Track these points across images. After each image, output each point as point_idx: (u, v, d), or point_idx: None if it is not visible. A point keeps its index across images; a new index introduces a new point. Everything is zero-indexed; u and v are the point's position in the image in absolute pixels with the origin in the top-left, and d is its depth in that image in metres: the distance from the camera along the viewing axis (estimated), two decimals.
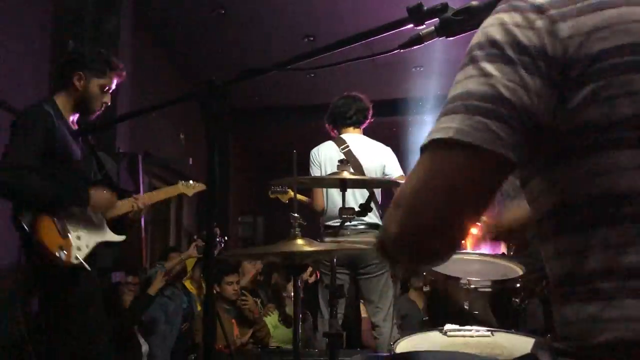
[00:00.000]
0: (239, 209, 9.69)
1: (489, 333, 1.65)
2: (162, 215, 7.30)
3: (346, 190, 1.94)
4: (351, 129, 3.60)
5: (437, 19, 1.06)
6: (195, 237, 4.81)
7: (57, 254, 2.45)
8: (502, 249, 8.09)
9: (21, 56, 4.09)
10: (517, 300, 1.96)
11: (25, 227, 2.42)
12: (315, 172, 3.49)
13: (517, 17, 0.79)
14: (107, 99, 2.73)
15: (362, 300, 3.87)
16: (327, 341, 1.93)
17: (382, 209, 3.54)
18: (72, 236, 2.54)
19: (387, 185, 3.22)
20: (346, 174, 1.82)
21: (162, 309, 4.20)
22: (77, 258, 2.52)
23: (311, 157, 3.58)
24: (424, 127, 8.75)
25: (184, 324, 4.25)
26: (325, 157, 3.52)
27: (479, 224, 3.75)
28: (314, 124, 8.96)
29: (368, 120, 3.64)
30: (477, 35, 0.83)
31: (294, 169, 1.66)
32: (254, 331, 4.22)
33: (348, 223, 3.35)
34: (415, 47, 1.09)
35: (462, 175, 0.77)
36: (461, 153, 0.76)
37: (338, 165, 1.92)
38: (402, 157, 3.72)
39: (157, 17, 6.15)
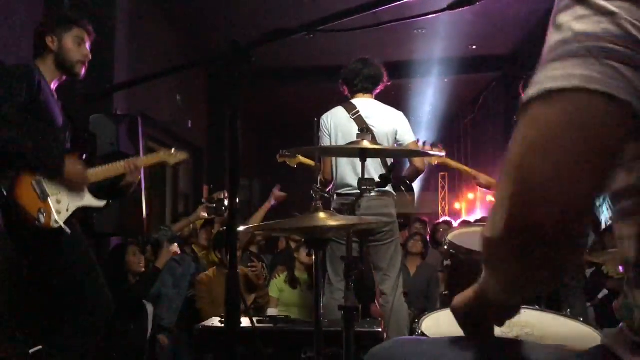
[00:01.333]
0: None
1: None
2: (158, 179, 7.21)
3: (366, 160, 1.85)
4: (361, 94, 3.50)
5: None
6: (203, 200, 4.74)
7: (35, 217, 2.43)
8: None
9: (18, 17, 3.92)
10: None
11: (3, 190, 2.39)
12: (325, 140, 3.41)
13: None
14: (86, 52, 2.73)
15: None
16: (342, 314, 1.86)
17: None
18: (51, 200, 2.53)
19: (408, 156, 3.13)
20: (366, 143, 1.73)
21: (170, 273, 4.15)
22: (56, 222, 2.51)
23: (321, 124, 3.46)
24: (426, 90, 8.65)
25: (190, 289, 4.21)
26: (335, 123, 3.42)
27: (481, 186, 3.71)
28: (312, 87, 8.88)
29: (380, 86, 3.54)
30: None
31: (315, 136, 1.56)
32: (256, 297, 4.19)
33: (356, 190, 3.33)
34: (462, 9, 0.99)
35: (593, 130, 0.62)
36: (593, 103, 0.62)
37: (358, 134, 1.83)
38: None
39: None
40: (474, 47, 7.75)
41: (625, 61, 0.62)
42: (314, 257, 1.52)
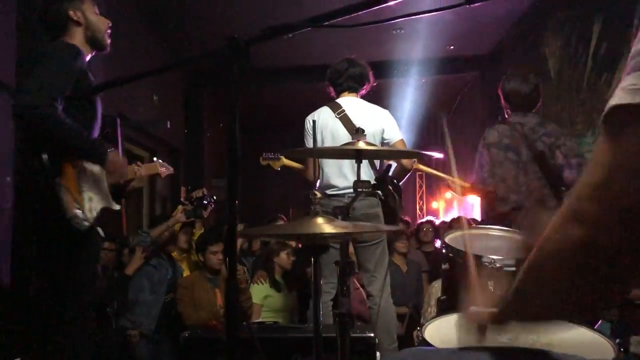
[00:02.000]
0: (212, 171, 9.47)
1: None
2: None
3: (362, 162, 1.80)
4: (346, 93, 3.48)
5: None
6: (182, 199, 4.62)
7: (74, 211, 2.23)
8: (477, 212, 8.10)
9: None
10: None
11: (46, 167, 2.17)
12: (310, 140, 3.37)
13: None
14: (107, 21, 2.58)
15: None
16: (337, 320, 1.81)
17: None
18: (85, 196, 2.33)
19: (404, 157, 3.10)
20: (362, 144, 1.68)
21: (147, 277, 4.05)
22: (88, 220, 2.30)
23: (306, 124, 3.44)
24: (405, 90, 8.66)
25: (168, 294, 4.11)
26: (321, 123, 3.37)
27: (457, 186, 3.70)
28: (291, 87, 8.82)
29: (366, 86, 3.52)
30: None
31: (313, 137, 1.51)
32: (239, 301, 4.10)
33: (342, 191, 3.30)
34: (481, 3, 0.94)
35: None
36: None
37: (353, 135, 1.78)
38: None
39: None
40: (452, 47, 7.78)
41: None
42: (312, 264, 1.46)
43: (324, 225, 1.36)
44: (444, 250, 1.86)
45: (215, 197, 4.63)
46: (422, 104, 9.36)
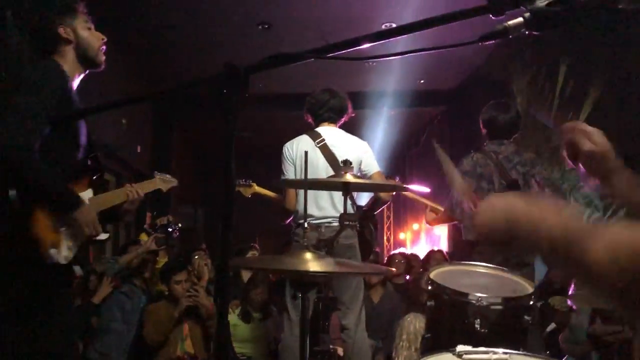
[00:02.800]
0: (178, 199, 9.31)
1: (506, 356, 1.53)
2: None
3: (349, 194, 1.77)
4: (326, 123, 3.48)
5: (523, 8, 0.92)
6: (145, 226, 4.48)
7: (49, 250, 2.06)
8: (445, 243, 8.13)
9: None
10: (529, 319, 1.85)
11: (13, 204, 2.01)
12: (288, 168, 3.34)
13: None
14: (102, 36, 2.42)
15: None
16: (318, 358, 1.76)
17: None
18: (63, 232, 2.15)
19: (391, 190, 3.09)
20: (349, 177, 1.65)
21: (119, 307, 3.90)
22: (66, 258, 2.14)
23: (284, 152, 3.41)
24: (376, 121, 8.74)
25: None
26: (300, 152, 3.35)
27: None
28: (262, 114, 8.80)
29: (345, 117, 3.54)
30: None
31: (304, 169, 1.47)
32: (208, 327, 3.95)
33: (318, 221, 3.26)
34: (496, 40, 0.94)
35: None
36: None
37: (341, 167, 1.75)
38: None
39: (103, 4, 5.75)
40: (422, 81, 7.92)
41: None
42: (300, 300, 1.41)
43: (314, 263, 1.32)
44: (429, 287, 1.83)
45: (180, 225, 4.52)
46: (391, 136, 9.46)
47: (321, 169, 3.28)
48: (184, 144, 9.38)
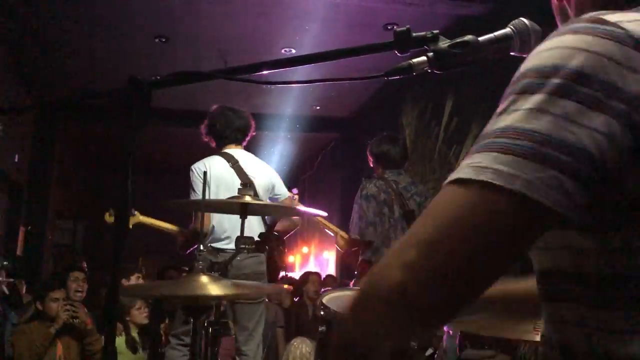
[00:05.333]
0: (57, 212, 8.72)
1: None
2: None
3: (246, 217, 1.75)
4: (232, 145, 3.38)
5: (426, 48, 0.97)
6: None
7: None
8: (332, 267, 8.24)
9: None
10: (414, 344, 1.89)
11: None
12: (200, 189, 3.18)
13: (613, 49, 0.63)
14: None
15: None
16: None
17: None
18: None
19: (292, 214, 3.04)
20: (248, 199, 1.63)
21: None
22: None
23: (195, 172, 3.21)
24: (273, 143, 8.77)
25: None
26: (215, 173, 3.20)
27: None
28: (149, 128, 8.51)
29: (248, 137, 3.48)
30: (554, 54, 0.66)
31: (203, 189, 1.43)
32: (85, 345, 3.67)
33: (224, 246, 3.13)
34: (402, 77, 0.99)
35: (514, 231, 0.63)
36: (525, 210, 0.62)
37: (239, 189, 1.72)
38: None
39: None
40: (318, 107, 8.09)
41: (569, 173, 0.61)
42: (191, 324, 1.36)
43: (209, 287, 1.28)
44: (321, 312, 1.84)
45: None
46: (287, 159, 9.54)
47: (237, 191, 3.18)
48: (66, 155, 8.83)
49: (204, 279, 1.28)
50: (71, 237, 9.05)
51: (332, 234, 3.88)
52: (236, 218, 3.09)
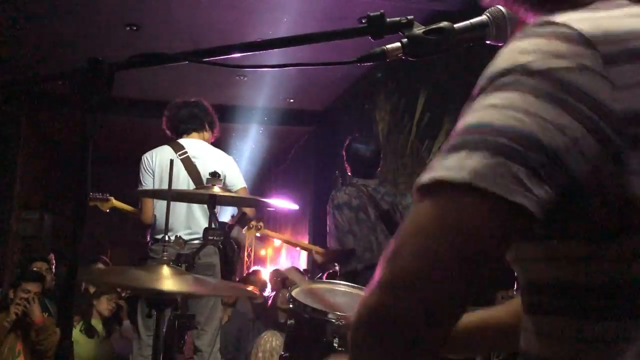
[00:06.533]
0: (23, 203, 8.49)
1: None
2: None
3: (215, 208, 1.71)
4: (194, 134, 3.35)
5: (400, 34, 0.94)
6: None
7: None
8: (304, 261, 8.28)
9: None
10: None
11: None
12: (146, 179, 3.17)
13: (562, 48, 0.63)
14: None
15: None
16: None
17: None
18: None
19: (254, 205, 3.01)
20: (217, 189, 1.59)
21: None
22: None
23: (143, 162, 3.24)
24: (246, 136, 8.70)
25: None
26: (160, 163, 3.19)
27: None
28: (122, 120, 8.37)
29: (213, 130, 3.43)
30: (504, 58, 0.66)
31: (169, 179, 1.39)
32: (35, 342, 3.55)
33: (179, 238, 3.10)
34: (370, 63, 0.96)
35: (473, 227, 0.61)
36: (476, 200, 0.60)
37: (208, 179, 1.68)
38: None
39: None
40: (292, 100, 8.04)
41: (519, 160, 0.60)
42: (154, 318, 1.32)
43: (173, 281, 1.23)
44: (290, 305, 1.82)
45: None
46: (260, 152, 9.48)
47: (181, 182, 3.15)
48: (32, 142, 8.60)
49: (166, 271, 1.24)
50: (38, 229, 8.83)
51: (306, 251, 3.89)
52: (180, 209, 3.11)
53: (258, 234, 4.12)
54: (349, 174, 3.58)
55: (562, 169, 0.61)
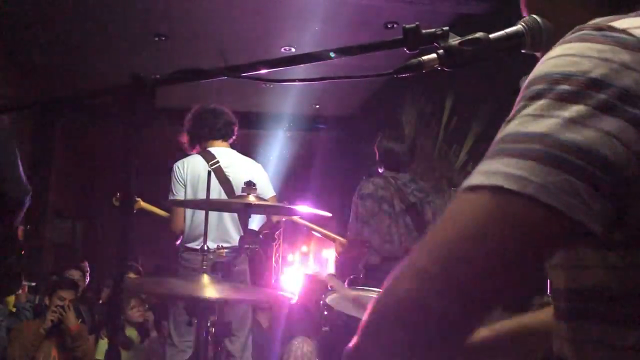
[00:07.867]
0: (55, 211, 8.68)
1: None
2: None
3: (250, 216, 1.74)
4: (220, 142, 3.36)
5: (435, 45, 0.95)
6: None
7: None
8: (332, 266, 8.25)
9: None
10: None
11: None
12: (178, 190, 3.19)
13: (625, 56, 0.63)
14: None
15: None
16: None
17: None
18: None
19: (290, 214, 3.03)
20: (252, 198, 1.62)
21: None
22: None
23: (174, 172, 3.25)
24: (270, 142, 8.76)
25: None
26: (192, 172, 3.22)
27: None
28: (155, 129, 8.50)
29: (235, 135, 3.46)
30: (560, 62, 0.65)
31: (207, 189, 1.42)
32: (72, 350, 3.63)
33: (197, 246, 3.11)
34: (406, 75, 0.97)
35: (530, 238, 0.61)
36: (539, 214, 0.59)
37: (243, 188, 1.71)
38: None
39: None
40: (317, 106, 8.07)
41: (584, 178, 0.60)
42: (194, 327, 1.35)
43: (212, 289, 1.26)
44: (325, 312, 1.82)
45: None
46: (286, 158, 9.52)
47: (213, 192, 3.18)
48: (66, 153, 8.79)
49: (206, 280, 1.26)
50: (70, 237, 9.01)
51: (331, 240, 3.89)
52: (211, 218, 3.13)
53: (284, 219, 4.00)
54: (380, 171, 3.58)
55: (623, 183, 0.61)
